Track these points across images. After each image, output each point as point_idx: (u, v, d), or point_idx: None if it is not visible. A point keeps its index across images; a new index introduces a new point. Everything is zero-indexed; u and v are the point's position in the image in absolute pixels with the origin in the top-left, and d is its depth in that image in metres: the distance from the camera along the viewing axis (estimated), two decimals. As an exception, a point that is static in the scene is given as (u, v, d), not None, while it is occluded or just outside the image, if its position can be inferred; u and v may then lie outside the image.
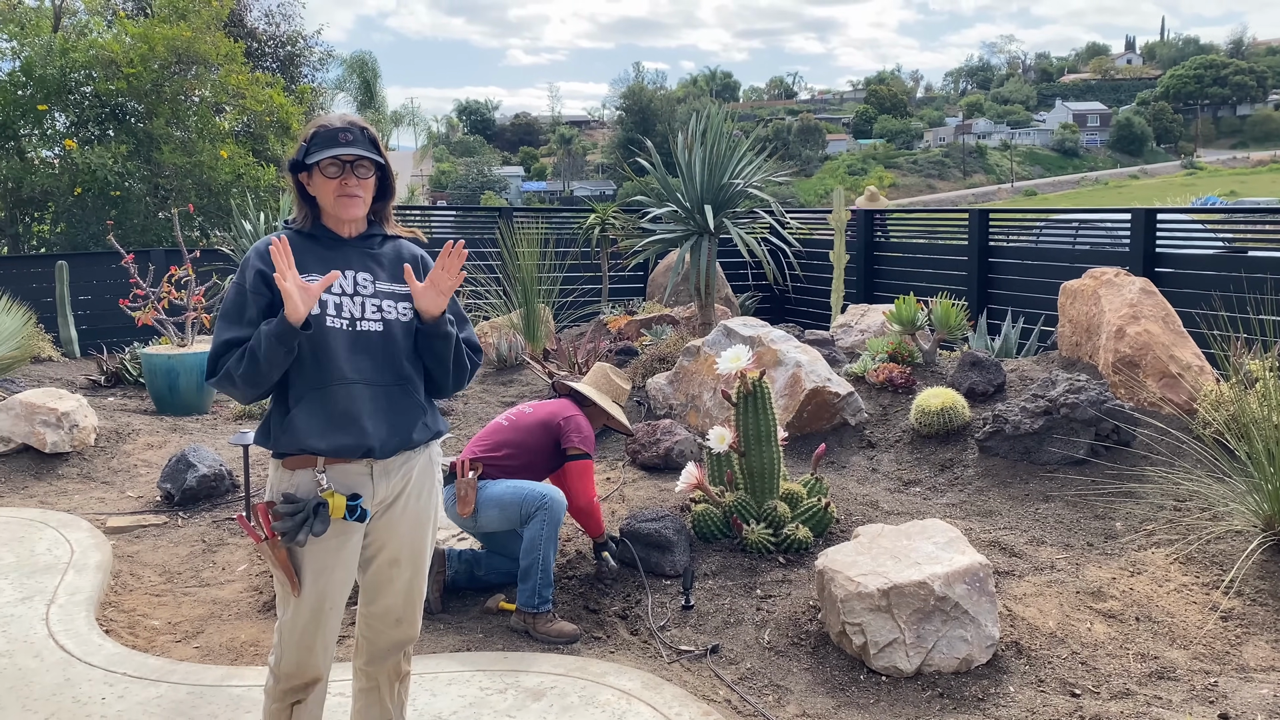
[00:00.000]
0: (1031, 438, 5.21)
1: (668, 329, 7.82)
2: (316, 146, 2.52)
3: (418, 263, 2.69)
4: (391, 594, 2.68)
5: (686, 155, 7.49)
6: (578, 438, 4.22)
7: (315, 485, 2.49)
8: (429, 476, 2.69)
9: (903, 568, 3.78)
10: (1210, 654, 3.66)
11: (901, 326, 6.65)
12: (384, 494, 2.59)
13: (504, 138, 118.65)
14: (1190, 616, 3.89)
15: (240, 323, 2.48)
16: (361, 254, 2.60)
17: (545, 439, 4.25)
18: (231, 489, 5.74)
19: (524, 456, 4.21)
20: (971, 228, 10.07)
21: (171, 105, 12.37)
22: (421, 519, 2.68)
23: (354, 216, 2.57)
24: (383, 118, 40.44)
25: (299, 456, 2.51)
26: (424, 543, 2.71)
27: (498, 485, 4.09)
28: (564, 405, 4.37)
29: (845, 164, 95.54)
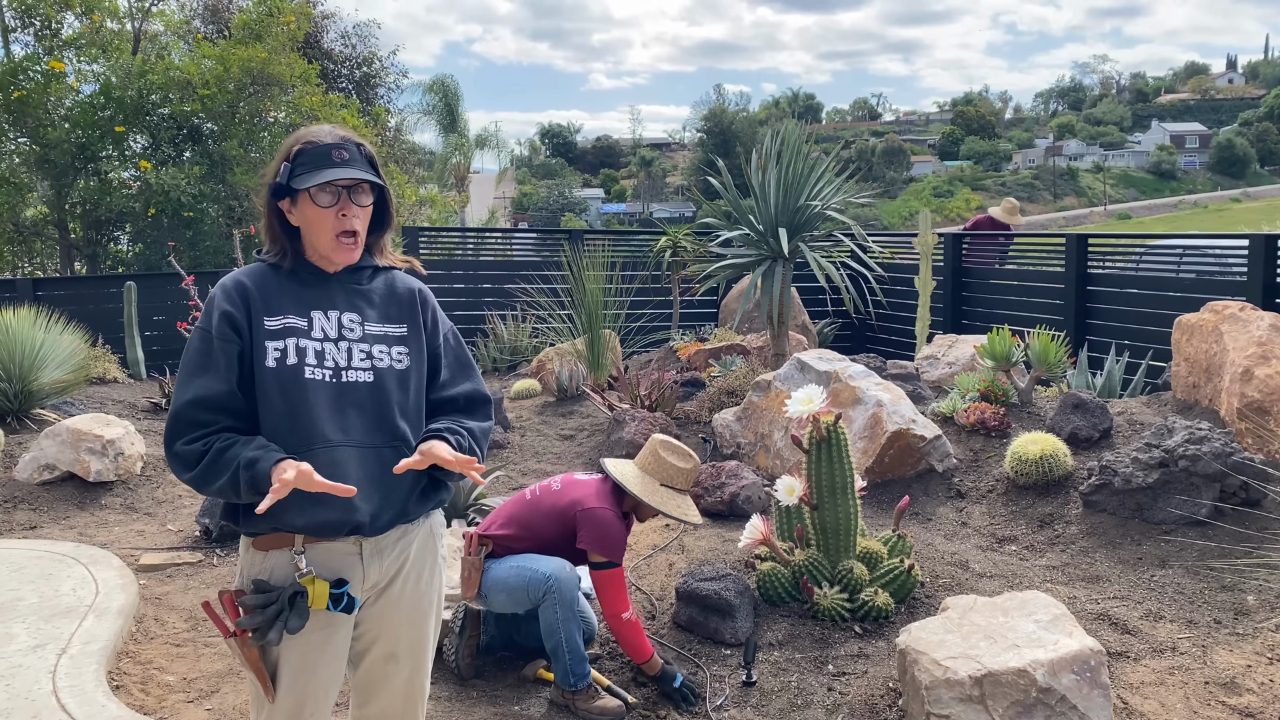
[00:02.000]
0: (1144, 493, 4.61)
1: (737, 360, 7.36)
2: (305, 167, 2.10)
3: (415, 299, 2.28)
4: (388, 694, 2.28)
5: (760, 176, 7.04)
6: (595, 542, 3.58)
7: (293, 569, 2.09)
8: (430, 553, 2.28)
9: (999, 651, 3.26)
10: (1376, 770, 3.05)
11: (994, 362, 6.08)
12: (376, 577, 2.19)
13: (585, 160, 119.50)
14: (1347, 719, 3.28)
15: (207, 374, 2.07)
16: (348, 290, 2.20)
17: (560, 532, 3.68)
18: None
19: (535, 543, 3.70)
20: (1069, 253, 9.37)
21: (246, 127, 12.39)
22: (422, 605, 2.26)
23: (349, 261, 2.18)
24: (465, 141, 40.86)
25: (273, 535, 2.10)
26: (425, 633, 2.29)
27: (502, 565, 3.64)
28: (592, 492, 3.70)
29: (931, 186, 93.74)
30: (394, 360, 2.19)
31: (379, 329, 2.19)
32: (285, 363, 2.07)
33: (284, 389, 2.06)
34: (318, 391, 2.08)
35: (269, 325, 2.08)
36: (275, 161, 2.15)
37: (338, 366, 2.12)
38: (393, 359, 2.19)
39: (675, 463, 3.74)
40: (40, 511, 5.85)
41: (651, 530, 5.11)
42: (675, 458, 3.76)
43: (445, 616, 3.92)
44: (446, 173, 40.30)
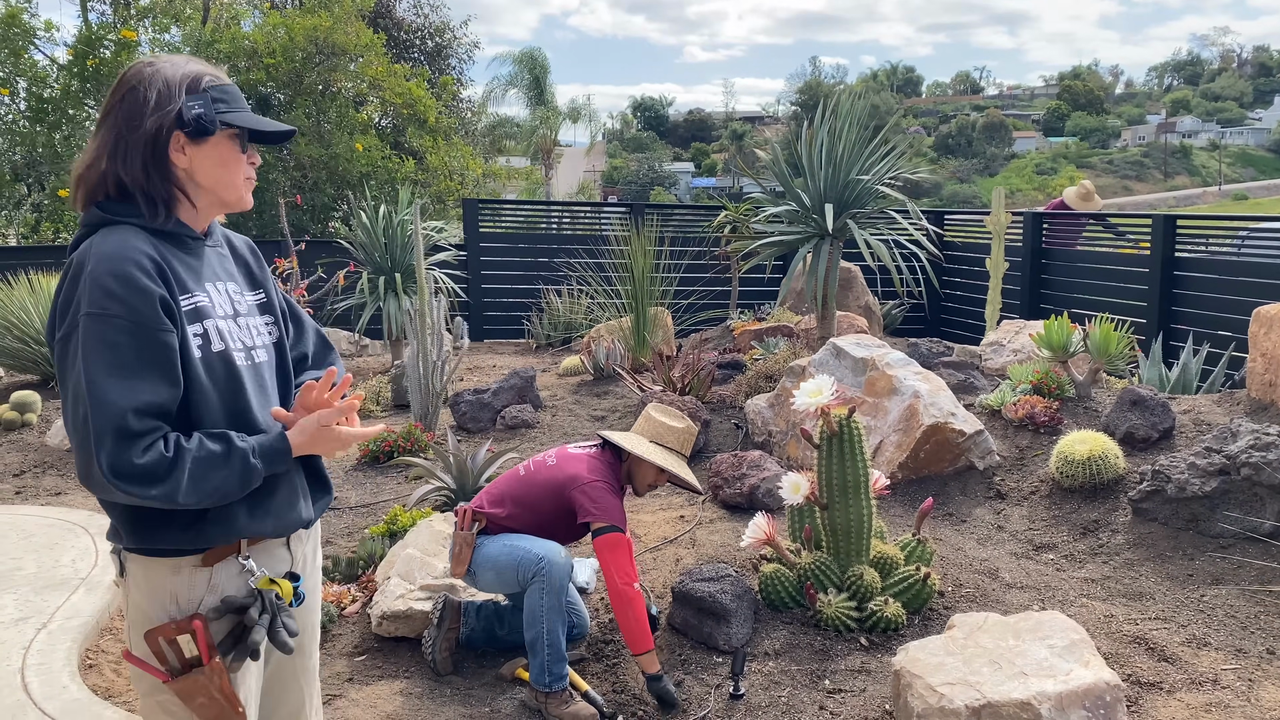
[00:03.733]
0: (1201, 502, 4.17)
1: (781, 342, 7.02)
2: (224, 104, 1.84)
3: (257, 255, 2.09)
4: (295, 690, 2.11)
5: (808, 148, 6.66)
6: (594, 510, 3.37)
7: (244, 577, 1.89)
8: (316, 530, 2.17)
9: (1003, 679, 2.92)
10: None
11: (1051, 352, 5.64)
12: (300, 559, 2.06)
13: (677, 134, 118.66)
14: None
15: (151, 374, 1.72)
16: (219, 256, 1.96)
17: (554, 506, 3.47)
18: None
19: (529, 519, 3.49)
20: (1155, 236, 8.73)
21: (312, 97, 12.42)
22: (318, 578, 2.18)
23: (246, 207, 1.95)
24: (553, 113, 40.82)
25: (221, 547, 1.87)
26: (319, 618, 2.20)
27: (495, 543, 3.44)
28: (586, 464, 3.52)
29: (1033, 162, 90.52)
30: (268, 334, 1.99)
31: (253, 298, 1.99)
32: (211, 350, 1.82)
33: (217, 381, 1.82)
34: (247, 378, 1.88)
35: (183, 306, 1.80)
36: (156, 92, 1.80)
37: (247, 347, 1.91)
38: (267, 333, 1.99)
39: (669, 423, 3.63)
40: (68, 478, 5.89)
41: (664, 522, 4.87)
42: (669, 419, 3.65)
43: (424, 608, 3.76)
44: (532, 145, 40.36)
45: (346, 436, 1.90)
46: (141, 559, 1.84)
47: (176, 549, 1.82)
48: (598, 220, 12.12)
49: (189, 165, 1.83)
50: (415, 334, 6.26)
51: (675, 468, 3.57)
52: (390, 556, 4.14)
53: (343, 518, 5.20)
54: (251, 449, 1.78)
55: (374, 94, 13.37)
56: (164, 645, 1.79)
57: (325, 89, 13.06)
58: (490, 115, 36.05)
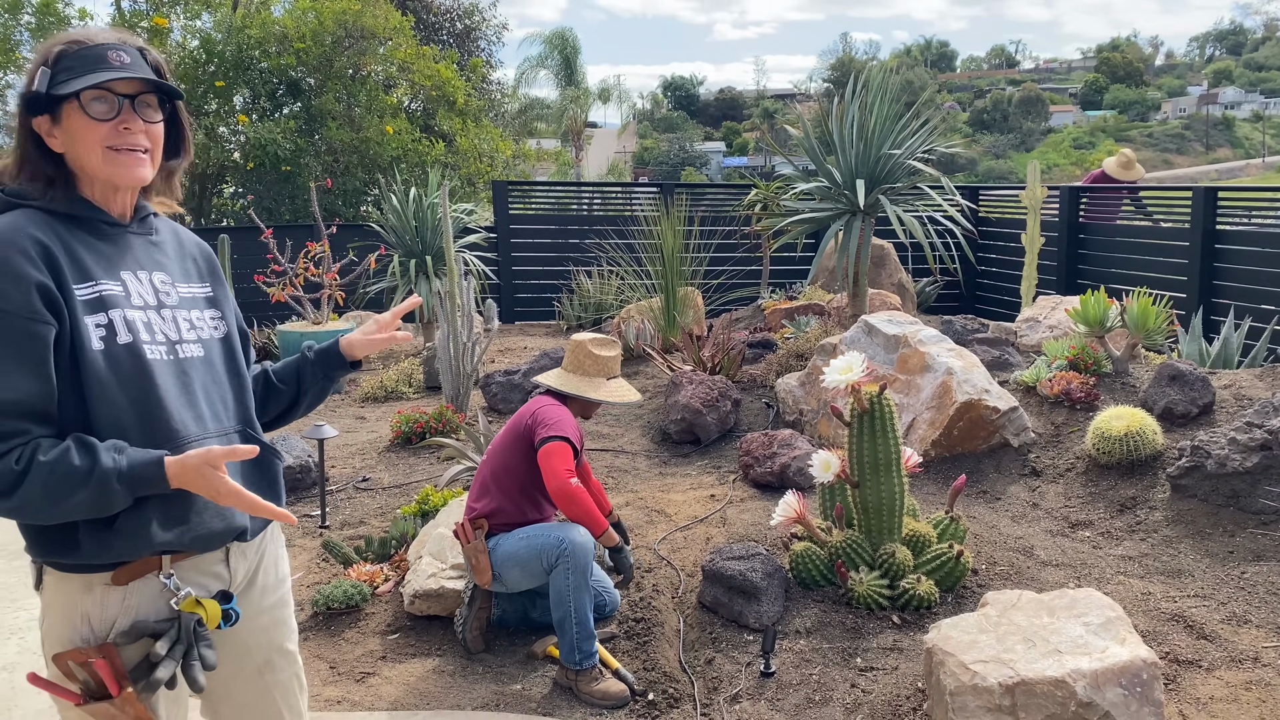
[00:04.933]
0: (1241, 478, 4.09)
1: (812, 320, 6.97)
2: (70, 71, 1.67)
3: (211, 256, 1.96)
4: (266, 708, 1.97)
5: (839, 124, 6.58)
6: (543, 429, 3.48)
7: (165, 597, 1.73)
8: (278, 533, 2.03)
9: (1037, 657, 2.89)
10: None
11: (1088, 327, 5.54)
12: (242, 576, 1.90)
13: (708, 113, 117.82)
14: None
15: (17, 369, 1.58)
16: (146, 244, 1.82)
17: (520, 448, 3.55)
18: (316, 483, 5.43)
19: (514, 482, 3.54)
20: (1195, 208, 8.56)
21: (342, 81, 12.47)
22: (284, 596, 2.01)
23: (137, 180, 1.74)
24: (583, 93, 40.71)
25: (139, 562, 1.71)
26: (292, 627, 2.03)
27: (510, 540, 3.48)
28: (533, 402, 3.67)
29: (1071, 137, 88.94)
30: (212, 328, 1.86)
31: (188, 290, 1.84)
32: (116, 342, 1.66)
33: (123, 377, 1.66)
34: (163, 375, 1.71)
35: (81, 295, 1.65)
36: (31, 67, 1.70)
37: (170, 341, 1.75)
38: (210, 326, 1.85)
39: (597, 352, 3.73)
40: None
41: (695, 501, 4.86)
42: (597, 348, 3.75)
43: (456, 586, 3.78)
44: (562, 126, 40.30)
45: (226, 490, 1.65)
46: (55, 573, 1.72)
47: (84, 564, 1.68)
48: (628, 201, 12.08)
49: (60, 144, 1.72)
50: (446, 316, 6.28)
51: (620, 396, 3.71)
52: (422, 536, 4.17)
53: (376, 498, 5.24)
54: (118, 471, 1.59)
55: (403, 77, 13.40)
56: (74, 667, 1.67)
57: (355, 73, 13.10)
58: (521, 97, 36.00)
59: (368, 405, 7.51)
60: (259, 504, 1.69)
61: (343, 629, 3.86)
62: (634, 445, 5.88)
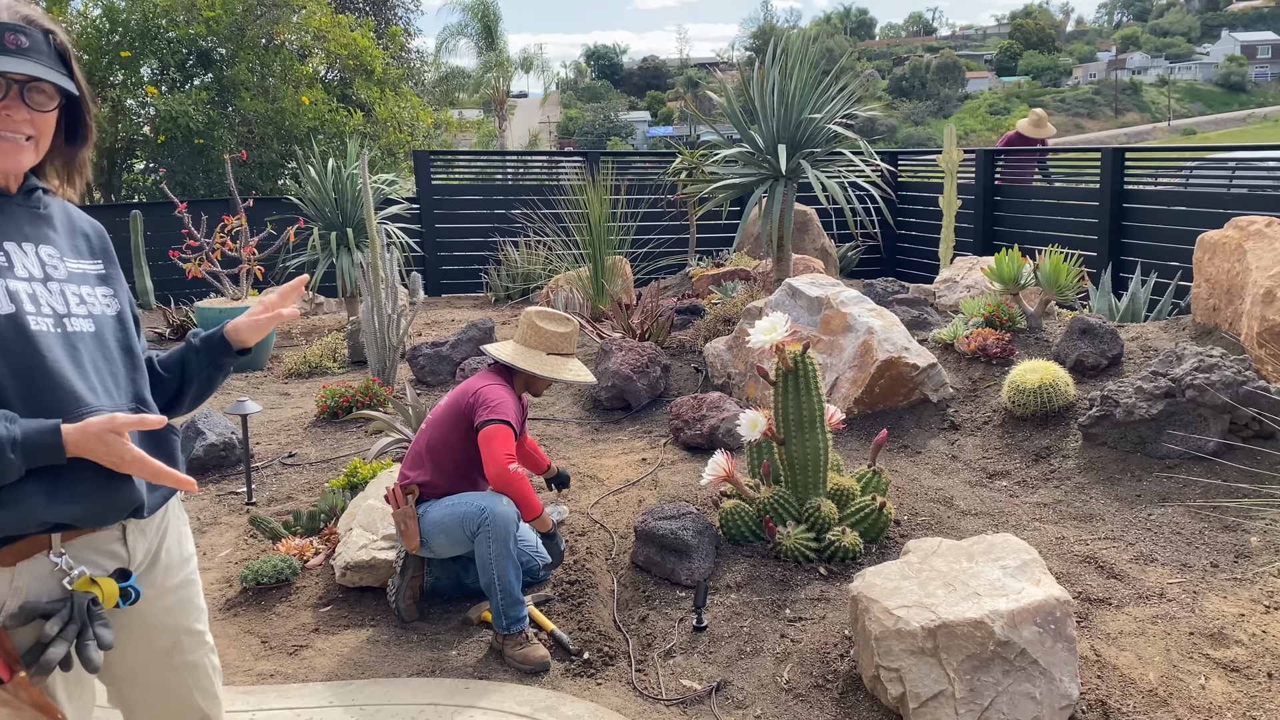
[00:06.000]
0: (1148, 425, 4.27)
1: (739, 285, 7.05)
2: None
3: (104, 236, 1.91)
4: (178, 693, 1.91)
5: (759, 89, 6.63)
6: (484, 411, 3.46)
7: (57, 578, 1.67)
8: (180, 510, 1.97)
9: (957, 600, 3.00)
10: (1369, 733, 2.77)
11: (1002, 285, 5.71)
12: (141, 555, 1.82)
13: (631, 82, 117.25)
14: (1344, 675, 2.98)
15: None
16: (32, 216, 1.76)
17: (459, 425, 3.54)
18: (241, 460, 5.34)
19: (448, 462, 3.54)
20: (1104, 170, 8.83)
21: (255, 51, 12.12)
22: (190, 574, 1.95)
23: (14, 168, 1.71)
24: (504, 62, 40.16)
25: (26, 540, 1.64)
26: (199, 600, 1.97)
27: (437, 507, 3.48)
28: (476, 379, 3.65)
29: (987, 103, 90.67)
30: (104, 305, 1.80)
31: (78, 266, 1.79)
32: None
33: (6, 346, 1.60)
34: (50, 346, 1.65)
35: None
36: None
37: (58, 313, 1.69)
38: (102, 303, 1.80)
39: (552, 328, 3.69)
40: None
41: (627, 465, 4.91)
42: (552, 324, 3.71)
43: (388, 557, 3.77)
44: (484, 96, 39.76)
45: (131, 456, 1.61)
46: None
47: None
48: (553, 170, 12.00)
49: None
50: (369, 289, 6.20)
51: (576, 376, 3.69)
52: (351, 508, 4.14)
53: (303, 474, 5.18)
54: (13, 440, 1.53)
55: (319, 46, 13.07)
56: None
57: (268, 42, 12.75)
58: (442, 66, 35.38)
59: (291, 381, 7.39)
60: (163, 470, 1.64)
61: (273, 604, 3.82)
62: (566, 413, 5.90)
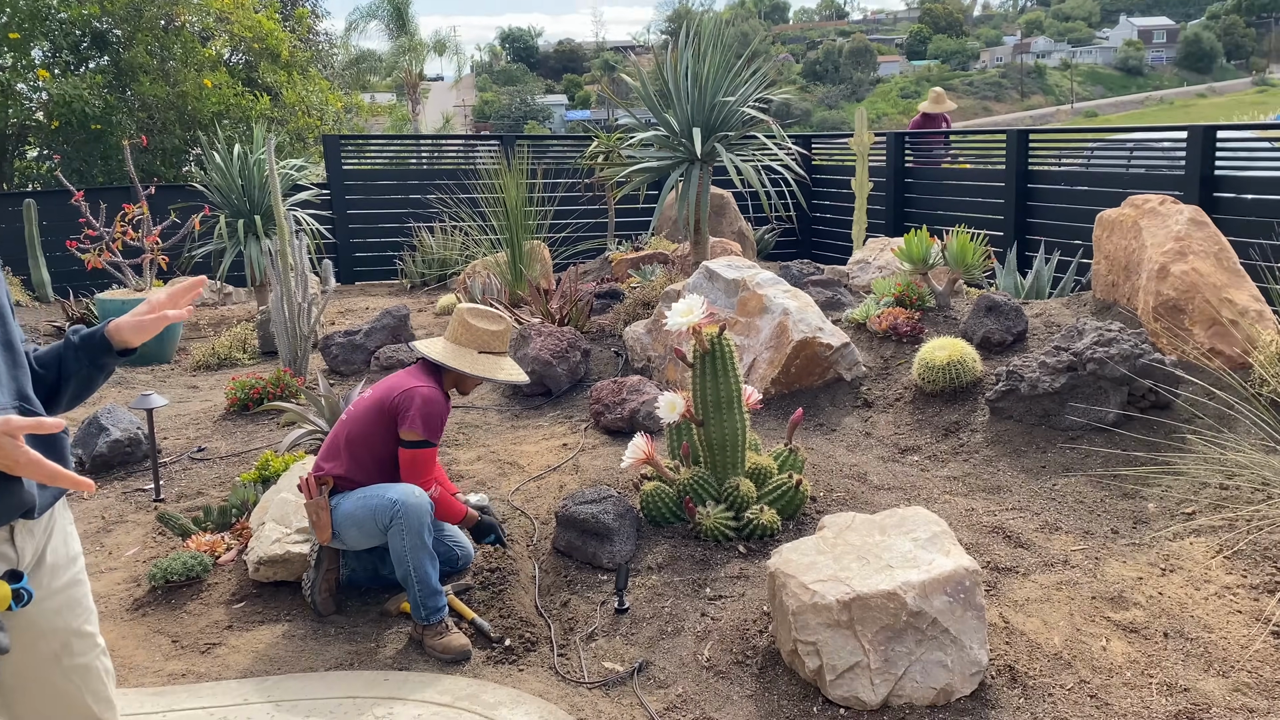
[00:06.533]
0: (1051, 398, 4.42)
1: (657, 269, 7.07)
2: None
3: None
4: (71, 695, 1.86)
5: (672, 72, 6.64)
6: (417, 420, 3.39)
7: None
8: (66, 508, 1.91)
9: (870, 573, 3.07)
10: (1257, 684, 2.91)
11: (912, 265, 5.83)
12: (30, 555, 1.77)
13: (547, 65, 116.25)
14: (1233, 631, 3.14)
15: None
16: None
17: (382, 422, 3.47)
18: (148, 456, 5.18)
19: (366, 457, 3.48)
20: (1009, 150, 9.07)
21: (153, 32, 11.69)
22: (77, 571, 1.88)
23: None
24: (417, 45, 39.49)
25: None
26: (87, 600, 1.90)
27: (349, 500, 3.42)
28: (405, 376, 3.57)
29: (898, 86, 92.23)
30: None
31: None
32: None
33: None
34: None
35: None
36: None
37: None
38: None
39: (486, 327, 3.63)
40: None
41: (548, 451, 4.89)
42: (485, 322, 3.65)
43: (302, 550, 3.70)
44: (397, 80, 39.06)
45: (26, 460, 1.55)
46: None
47: None
48: (469, 154, 11.85)
49: None
50: (278, 277, 6.05)
51: (508, 376, 3.64)
52: (264, 502, 4.05)
53: (213, 468, 5.05)
54: None
55: (222, 28, 12.66)
56: None
57: (168, 24, 12.30)
58: (352, 49, 34.62)
59: (200, 374, 7.18)
60: (59, 473, 1.58)
61: (184, 602, 3.72)
62: (485, 400, 5.85)
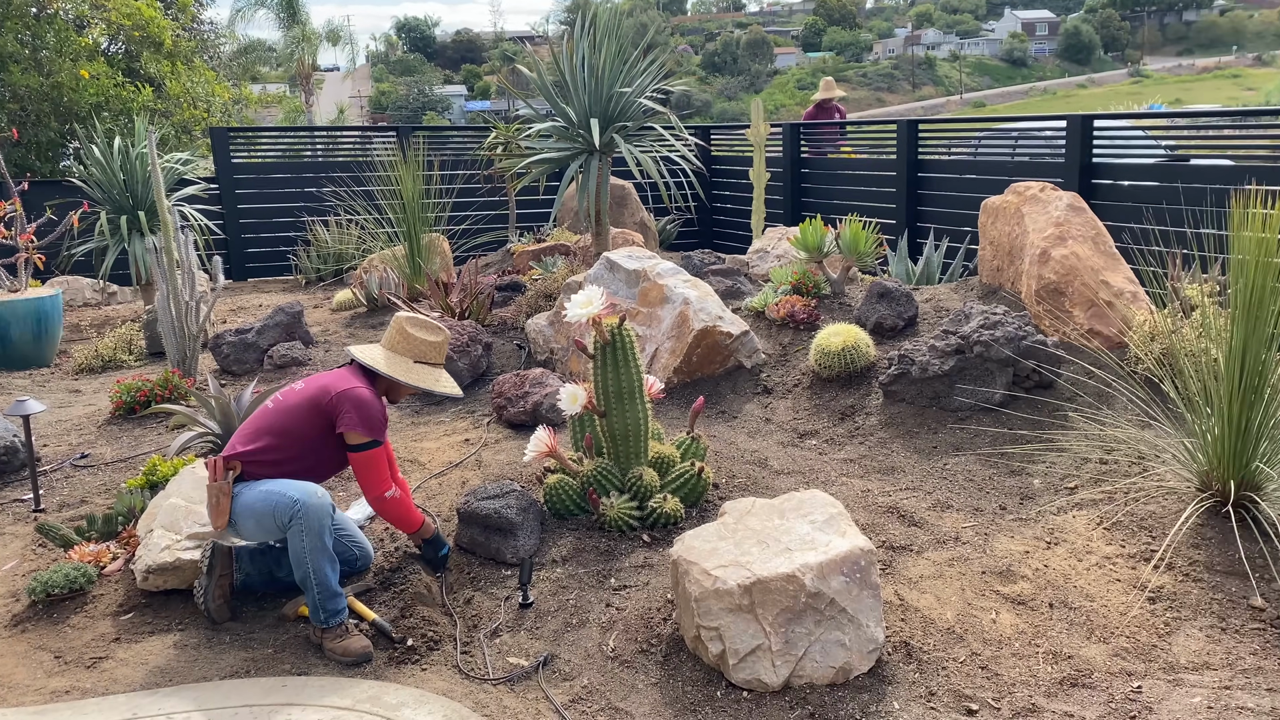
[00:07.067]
0: (941, 381, 4.56)
1: (559, 260, 7.05)
2: None
3: None
4: None
5: (569, 62, 6.61)
6: (357, 422, 3.34)
7: None
8: None
9: (770, 556, 3.12)
10: (1135, 649, 3.07)
11: (808, 253, 5.94)
12: None
13: (446, 55, 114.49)
14: (1113, 599, 3.29)
15: None
16: None
17: (317, 422, 3.39)
18: (26, 465, 4.94)
19: (294, 448, 3.39)
20: (900, 140, 9.31)
21: (22, 19, 11.11)
22: None
23: None
24: (309, 35, 38.43)
25: None
26: None
27: (252, 490, 3.31)
28: (347, 375, 3.49)
29: (795, 78, 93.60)
30: None
31: None
32: None
33: None
34: None
35: None
36: None
37: None
38: None
39: (424, 337, 3.61)
40: None
41: (449, 447, 4.84)
42: (423, 332, 3.62)
43: (193, 557, 3.58)
44: (290, 71, 38.01)
45: None
46: None
47: None
48: (365, 146, 11.60)
49: None
50: (164, 275, 5.83)
51: (441, 387, 3.61)
52: (151, 508, 3.90)
53: (98, 475, 4.84)
54: None
55: (98, 16, 12.10)
56: None
57: (40, 11, 11.70)
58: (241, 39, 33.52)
59: (83, 377, 6.88)
60: None
61: (67, 615, 3.56)
62: (383, 396, 5.74)
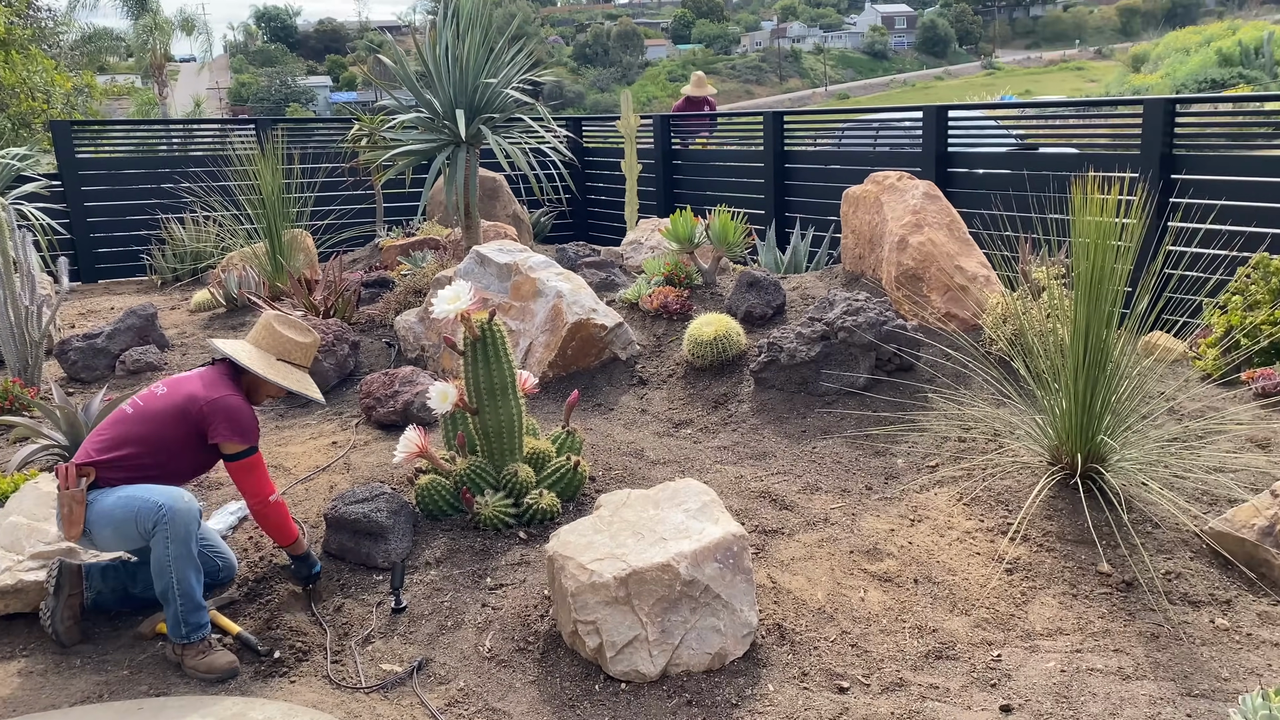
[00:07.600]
0: (808, 366, 4.67)
1: (429, 255, 6.91)
2: None
3: None
4: None
5: (432, 51, 6.48)
6: (231, 431, 3.20)
7: None
8: None
9: (646, 547, 3.14)
10: (994, 619, 3.20)
11: (679, 244, 5.99)
12: None
13: (309, 45, 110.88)
14: (973, 572, 3.43)
15: None
16: None
17: (183, 430, 3.23)
18: None
19: (157, 455, 3.22)
20: (767, 132, 9.48)
21: None
22: None
23: None
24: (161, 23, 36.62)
25: None
26: None
27: (109, 497, 3.12)
28: (211, 379, 3.32)
29: (666, 70, 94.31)
30: None
31: None
32: None
33: None
34: None
35: None
36: None
37: None
38: None
39: (293, 337, 3.48)
40: None
41: (316, 450, 4.69)
42: (292, 332, 3.49)
43: (37, 578, 3.37)
44: (143, 61, 36.20)
45: None
46: None
47: None
48: (223, 140, 11.11)
49: None
50: (0, 278, 5.46)
51: (305, 389, 3.47)
52: (-9, 529, 3.65)
53: (-70, 495, 4.50)
54: None
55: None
56: None
57: None
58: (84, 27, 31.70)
59: (-88, 390, 6.39)
60: None
61: (-104, 649, 3.31)
62: (246, 400, 5.53)
